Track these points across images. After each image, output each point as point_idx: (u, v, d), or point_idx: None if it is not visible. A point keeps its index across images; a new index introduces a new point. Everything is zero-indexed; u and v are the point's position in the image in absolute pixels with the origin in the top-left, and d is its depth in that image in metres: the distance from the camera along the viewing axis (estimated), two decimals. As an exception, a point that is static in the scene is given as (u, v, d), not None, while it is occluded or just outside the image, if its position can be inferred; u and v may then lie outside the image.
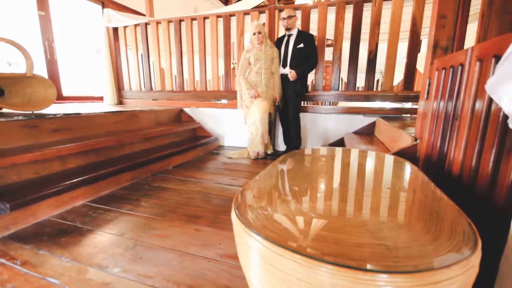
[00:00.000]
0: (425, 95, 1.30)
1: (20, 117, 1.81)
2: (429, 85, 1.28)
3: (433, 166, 1.16)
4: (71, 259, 1.13)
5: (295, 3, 5.53)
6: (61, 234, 1.33)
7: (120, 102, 4.14)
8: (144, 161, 2.25)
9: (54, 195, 1.54)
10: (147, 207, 1.65)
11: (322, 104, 4.76)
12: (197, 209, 1.63)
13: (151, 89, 3.94)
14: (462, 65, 0.95)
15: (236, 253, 1.17)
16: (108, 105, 3.86)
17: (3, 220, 1.31)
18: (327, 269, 0.42)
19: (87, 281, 1.00)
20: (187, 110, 3.65)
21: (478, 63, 0.84)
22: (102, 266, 1.08)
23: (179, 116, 3.60)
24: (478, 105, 0.83)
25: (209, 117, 3.63)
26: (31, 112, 2.20)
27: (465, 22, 1.25)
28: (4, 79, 2.21)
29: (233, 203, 0.63)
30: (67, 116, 2.09)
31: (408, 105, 4.73)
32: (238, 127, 3.48)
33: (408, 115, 2.89)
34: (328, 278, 0.42)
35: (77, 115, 2.17)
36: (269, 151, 3.04)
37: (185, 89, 3.79)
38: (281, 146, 3.31)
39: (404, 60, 2.78)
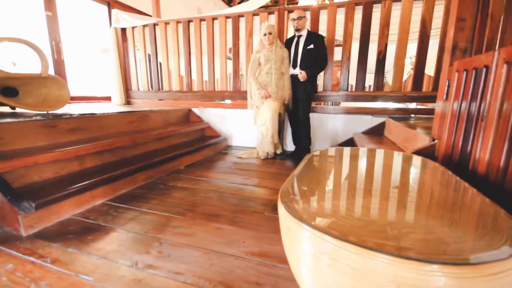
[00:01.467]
0: (444, 96, 1.33)
1: (38, 117, 1.83)
2: (449, 86, 1.31)
3: (453, 165, 1.19)
4: (100, 257, 1.15)
5: (299, 4, 5.56)
6: (86, 232, 1.35)
7: (127, 102, 4.15)
8: (158, 160, 2.27)
9: (76, 194, 1.56)
10: (165, 206, 1.68)
11: (324, 104, 4.80)
12: (215, 208, 1.66)
13: (159, 89, 3.96)
14: (487, 67, 0.98)
15: (261, 250, 1.20)
16: (116, 105, 3.88)
17: (29, 219, 1.33)
18: (387, 260, 0.44)
19: (119, 278, 1.02)
20: (195, 110, 3.67)
21: (505, 66, 0.87)
22: (132, 263, 1.11)
23: (188, 116, 3.62)
24: (505, 106, 0.86)
25: (217, 117, 3.66)
26: (46, 112, 2.23)
27: (484, 25, 1.27)
28: (19, 79, 2.24)
29: (279, 199, 0.65)
30: (82, 116, 2.11)
31: (412, 105, 4.78)
32: (246, 127, 3.50)
33: (412, 115, 2.92)
34: (388, 269, 0.44)
35: (92, 115, 2.19)
36: (278, 151, 3.06)
37: (193, 89, 3.81)
38: (289, 146, 3.33)
39: (408, 61, 2.82)
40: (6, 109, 2.45)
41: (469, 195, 0.68)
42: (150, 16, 4.62)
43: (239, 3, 7.44)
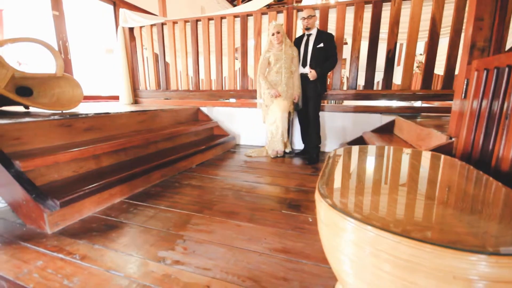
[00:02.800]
0: (462, 95, 1.34)
1: (56, 117, 1.85)
2: (467, 84, 1.33)
3: (473, 163, 1.20)
4: (127, 253, 1.18)
5: (302, 3, 5.56)
6: (110, 230, 1.38)
7: (135, 102, 4.18)
8: (172, 159, 2.29)
9: (96, 193, 1.58)
10: (183, 204, 1.70)
11: (326, 103, 4.81)
12: (232, 206, 1.68)
13: (167, 88, 3.97)
14: (510, 66, 0.99)
15: (283, 247, 1.22)
16: (124, 105, 3.90)
17: (54, 217, 1.36)
18: (435, 250, 0.46)
19: (149, 273, 1.04)
20: (203, 109, 3.69)
21: (531, 65, 0.88)
22: (159, 259, 1.13)
23: (197, 115, 3.64)
24: (531, 104, 0.87)
25: (225, 116, 3.68)
26: (60, 111, 2.25)
27: (502, 25, 1.29)
28: (34, 79, 2.26)
29: (318, 195, 0.67)
30: (97, 115, 2.13)
31: (417, 103, 4.79)
32: (254, 126, 3.52)
33: (422, 113, 2.93)
34: (436, 259, 0.46)
35: (106, 114, 2.21)
36: (287, 150, 3.08)
37: (201, 88, 3.83)
38: (297, 145, 3.35)
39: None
40: (20, 109, 2.48)
41: (502, 192, 0.70)
42: (155, 15, 4.63)
43: (243, 2, 7.44)
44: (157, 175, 2.11)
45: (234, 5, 8.54)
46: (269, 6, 4.72)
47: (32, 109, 2.47)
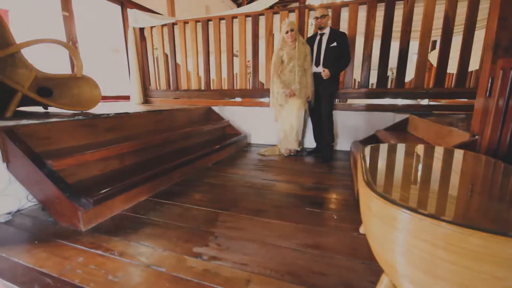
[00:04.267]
0: (487, 93, 1.37)
1: (80, 117, 1.89)
2: (492, 83, 1.35)
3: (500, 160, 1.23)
4: (164, 249, 1.21)
5: (306, 3, 5.57)
6: (142, 227, 1.41)
7: (146, 101, 4.21)
8: (190, 158, 2.33)
9: (124, 191, 1.62)
10: (208, 202, 1.73)
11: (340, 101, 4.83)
12: (256, 204, 1.71)
13: (177, 88, 4.00)
14: (542, 65, 1.02)
15: (315, 243, 1.25)
16: (136, 104, 3.93)
17: (87, 215, 1.39)
18: (507, 241, 0.49)
19: (189, 268, 1.08)
20: (215, 108, 3.72)
21: None
22: (196, 255, 1.16)
23: (209, 115, 3.67)
24: None
25: (236, 115, 3.71)
26: (80, 111, 2.28)
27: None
28: (53, 79, 2.29)
29: (369, 188, 0.70)
30: (118, 115, 2.16)
31: (424, 102, 4.80)
32: (265, 124, 3.55)
33: (435, 112, 2.96)
34: (508, 248, 0.49)
35: (126, 114, 2.25)
36: (299, 148, 3.11)
37: (211, 87, 3.86)
38: (307, 143, 3.38)
39: (414, 57, 2.90)
40: (39, 109, 2.51)
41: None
42: (161, 15, 4.65)
43: (248, 2, 7.44)
44: (178, 174, 2.15)
45: (238, 4, 8.54)
46: (273, 6, 4.74)
47: (50, 109, 2.51)
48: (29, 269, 1.09)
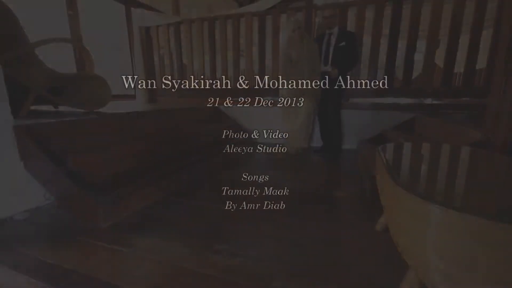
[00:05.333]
0: (502, 93, 1.39)
1: (94, 115, 1.90)
2: (506, 83, 1.37)
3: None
4: (184, 246, 1.23)
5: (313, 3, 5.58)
6: (160, 224, 1.43)
7: (151, 101, 4.22)
8: (202, 157, 2.34)
9: (141, 189, 1.63)
10: (222, 200, 1.74)
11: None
12: (269, 200, 1.72)
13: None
14: (560, 66, 1.04)
15: (333, 239, 1.28)
16: (142, 103, 3.94)
17: (107, 212, 1.41)
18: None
19: (214, 264, 1.10)
20: (221, 107, 3.74)
21: None
22: (219, 251, 1.18)
23: (215, 114, 3.69)
24: None
25: (242, 114, 3.72)
26: (91, 110, 2.30)
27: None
28: (66, 79, 2.30)
29: (397, 185, 0.73)
30: (130, 114, 2.18)
31: (428, 101, 4.83)
32: (271, 123, 3.56)
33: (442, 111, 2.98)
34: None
35: (138, 113, 2.26)
36: (307, 146, 3.13)
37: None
38: (315, 142, 3.40)
39: (419, 56, 2.93)
40: (49, 108, 2.52)
41: None
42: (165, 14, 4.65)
43: (250, 2, 7.42)
44: (191, 172, 2.16)
45: (241, 4, 8.52)
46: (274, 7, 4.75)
47: (61, 108, 2.52)
48: (53, 265, 1.10)
